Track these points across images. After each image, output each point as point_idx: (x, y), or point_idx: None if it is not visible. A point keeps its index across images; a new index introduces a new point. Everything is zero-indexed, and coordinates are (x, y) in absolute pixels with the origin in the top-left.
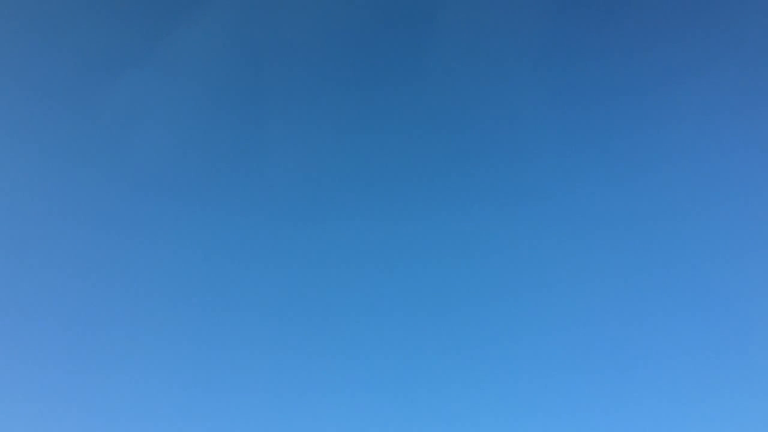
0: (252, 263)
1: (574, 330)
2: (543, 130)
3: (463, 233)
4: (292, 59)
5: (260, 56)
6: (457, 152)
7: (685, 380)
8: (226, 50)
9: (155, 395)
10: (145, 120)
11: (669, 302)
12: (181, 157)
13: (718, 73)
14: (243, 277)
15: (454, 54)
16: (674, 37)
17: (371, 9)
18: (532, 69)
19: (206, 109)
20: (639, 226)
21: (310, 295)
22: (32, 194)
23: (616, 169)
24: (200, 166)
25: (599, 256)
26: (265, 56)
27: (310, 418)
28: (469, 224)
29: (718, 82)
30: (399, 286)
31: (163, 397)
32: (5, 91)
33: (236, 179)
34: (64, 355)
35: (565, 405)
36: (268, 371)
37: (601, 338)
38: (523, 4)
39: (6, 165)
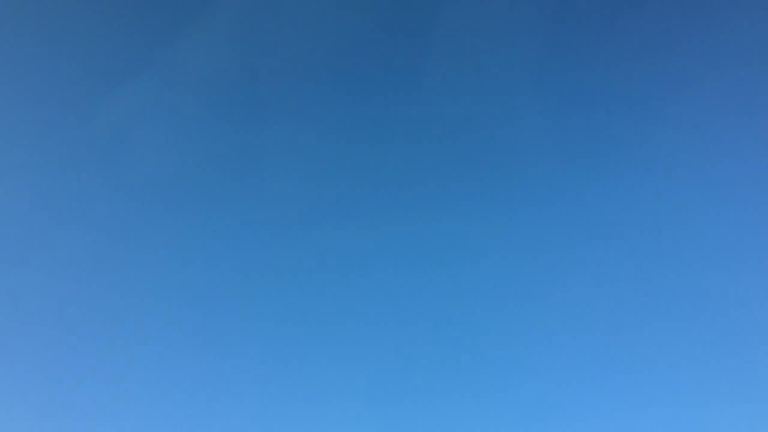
0: (251, 269)
1: (574, 335)
2: (543, 136)
3: (462, 239)
4: (292, 66)
5: (259, 64)
6: (456, 159)
7: (683, 387)
8: (224, 58)
9: (153, 400)
10: (144, 127)
11: (668, 307)
12: (180, 164)
13: (718, 81)
14: (242, 284)
15: (453, 61)
16: (672, 45)
17: (371, 17)
18: (533, 75)
19: (205, 116)
20: (639, 232)
21: (310, 301)
22: (32, 200)
23: (615, 175)
24: (199, 172)
25: (599, 262)
26: (264, 64)
27: (314, 424)
28: (467, 230)
29: (717, 90)
30: (398, 292)
31: (161, 402)
32: (6, 97)
33: (235, 186)
34: (63, 360)
35: (565, 411)
36: (267, 377)
37: (601, 342)
38: (523, 11)
39: (5, 170)
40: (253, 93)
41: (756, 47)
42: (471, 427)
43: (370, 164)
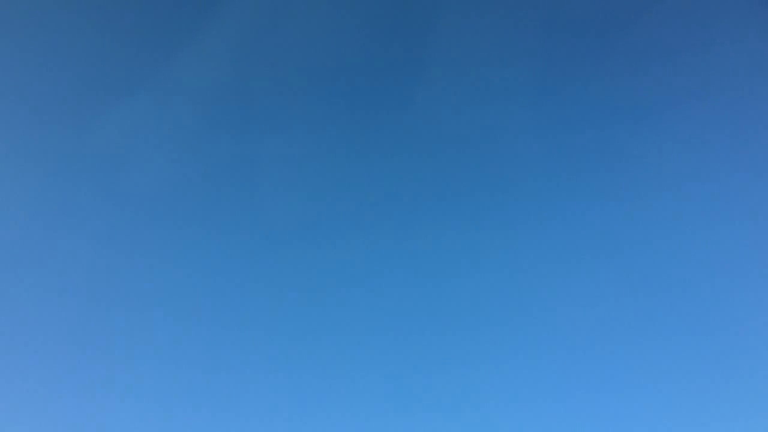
0: (247, 282)
1: (575, 348)
2: (543, 149)
3: (458, 254)
4: (289, 79)
5: (256, 76)
6: (453, 172)
7: (685, 401)
8: (222, 69)
9: (151, 413)
10: (141, 140)
11: (671, 321)
12: (176, 177)
13: (717, 98)
14: (240, 295)
15: (449, 74)
16: (673, 58)
17: (368, 29)
18: (535, 87)
19: (203, 127)
20: (639, 246)
21: (309, 313)
22: (29, 211)
23: (615, 189)
24: (195, 185)
25: (599, 275)
26: (261, 76)
27: None
28: (466, 242)
29: (716, 107)
30: (393, 305)
31: (159, 415)
32: (4, 110)
33: (231, 199)
34: (63, 374)
35: (566, 423)
36: (263, 388)
37: (600, 354)
38: (524, 24)
39: (2, 182)
40: (252, 104)
41: (756, 64)
42: None
43: (368, 177)
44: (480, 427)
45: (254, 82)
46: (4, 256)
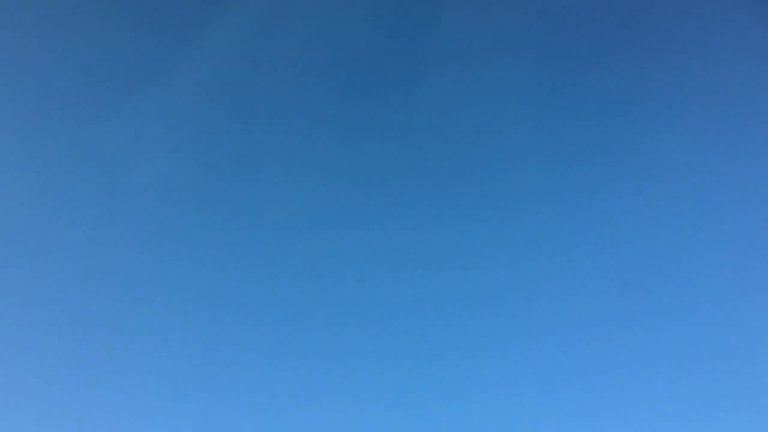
0: (250, 274)
1: (572, 345)
2: (543, 143)
3: (458, 248)
4: (292, 75)
5: (258, 73)
6: (454, 168)
7: (682, 400)
8: (223, 68)
9: (151, 408)
10: (143, 137)
11: (670, 319)
12: (179, 173)
13: (717, 98)
14: (240, 291)
15: (450, 71)
16: (668, 62)
17: (370, 26)
18: (531, 86)
19: (204, 125)
20: (636, 243)
21: (309, 306)
22: (32, 210)
23: (615, 184)
24: (198, 182)
25: (598, 271)
26: (264, 73)
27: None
28: (466, 236)
29: (716, 107)
30: (393, 299)
31: (159, 410)
32: (6, 109)
33: (234, 194)
34: (64, 370)
35: (562, 422)
36: (265, 383)
37: (597, 349)
38: (521, 23)
39: (5, 176)
40: (254, 101)
41: (756, 64)
42: None
43: (370, 168)
44: (479, 423)
45: (256, 79)
46: (7, 252)
